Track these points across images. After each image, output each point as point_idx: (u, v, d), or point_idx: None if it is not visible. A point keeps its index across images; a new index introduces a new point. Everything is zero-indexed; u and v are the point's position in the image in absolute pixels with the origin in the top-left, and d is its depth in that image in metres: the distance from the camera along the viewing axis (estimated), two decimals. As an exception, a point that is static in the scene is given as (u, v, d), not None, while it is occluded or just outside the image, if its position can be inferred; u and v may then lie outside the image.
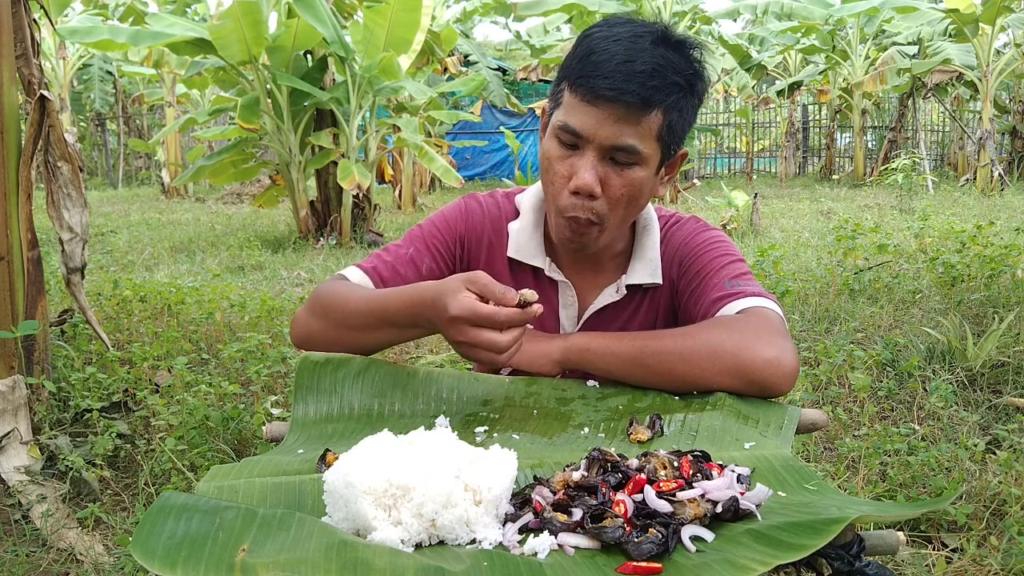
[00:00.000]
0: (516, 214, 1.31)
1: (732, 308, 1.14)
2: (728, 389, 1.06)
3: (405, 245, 1.29)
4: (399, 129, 8.38)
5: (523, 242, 1.28)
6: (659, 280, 1.26)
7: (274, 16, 7.67)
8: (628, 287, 1.26)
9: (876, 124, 17.51)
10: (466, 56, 14.71)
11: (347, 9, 8.42)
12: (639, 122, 1.08)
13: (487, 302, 0.97)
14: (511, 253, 1.28)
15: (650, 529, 0.73)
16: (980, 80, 11.61)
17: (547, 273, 1.27)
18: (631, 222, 1.24)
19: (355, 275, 1.25)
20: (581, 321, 1.28)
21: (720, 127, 17.82)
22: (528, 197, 1.31)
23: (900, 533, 0.84)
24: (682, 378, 1.07)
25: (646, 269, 1.26)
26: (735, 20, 15.14)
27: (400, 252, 1.28)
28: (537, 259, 1.27)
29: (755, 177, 16.03)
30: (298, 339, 1.22)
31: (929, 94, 12.83)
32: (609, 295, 1.27)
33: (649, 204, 1.28)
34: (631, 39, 1.08)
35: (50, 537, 2.21)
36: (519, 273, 1.29)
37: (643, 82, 1.05)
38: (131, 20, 8.37)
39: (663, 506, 0.76)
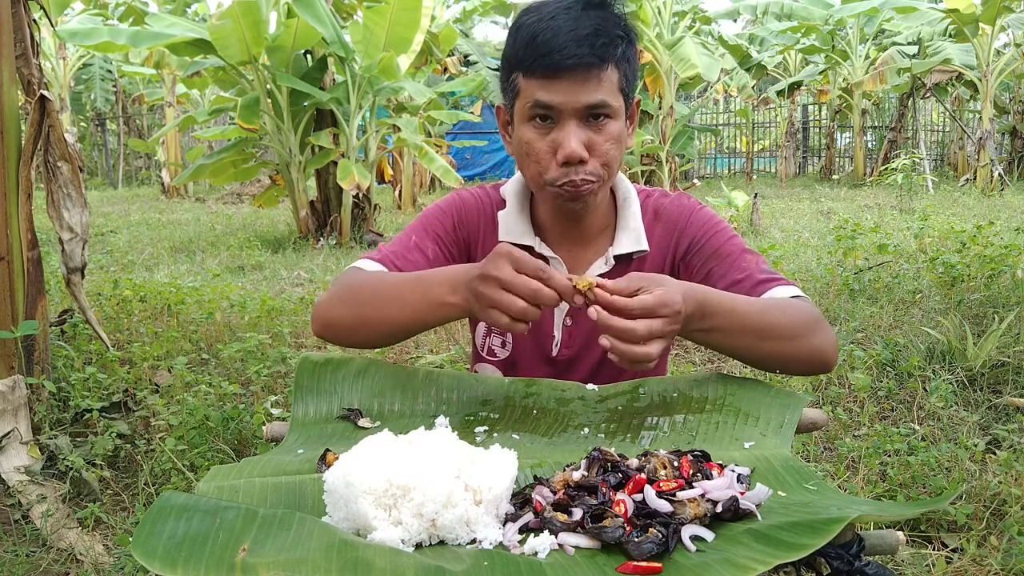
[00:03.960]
0: (503, 203, 1.36)
1: (784, 292, 1.19)
2: (798, 366, 1.15)
3: (407, 235, 1.33)
4: (399, 129, 8.37)
5: (512, 225, 1.32)
6: (644, 247, 1.29)
7: (274, 16, 7.67)
8: (616, 257, 1.29)
9: (876, 124, 17.51)
10: (466, 56, 14.70)
11: (347, 9, 8.42)
12: (601, 79, 1.15)
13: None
14: (502, 237, 1.32)
15: (650, 529, 0.73)
16: (980, 80, 11.61)
17: (537, 250, 1.31)
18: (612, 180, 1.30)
19: (370, 266, 1.27)
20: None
21: (720, 127, 17.82)
22: (511, 185, 1.37)
23: (900, 533, 0.84)
24: (782, 352, 1.13)
25: (630, 238, 1.30)
26: (735, 20, 15.16)
27: (405, 241, 1.32)
28: (526, 238, 1.31)
29: (755, 177, 16.03)
30: (321, 326, 1.21)
31: (929, 94, 12.84)
32: (598, 267, 1.30)
33: (627, 179, 1.36)
34: (564, 12, 1.14)
35: (50, 537, 2.21)
36: None
37: (592, 43, 1.12)
38: (131, 20, 8.36)
39: (663, 506, 0.76)
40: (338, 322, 1.19)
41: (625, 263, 1.30)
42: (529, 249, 1.31)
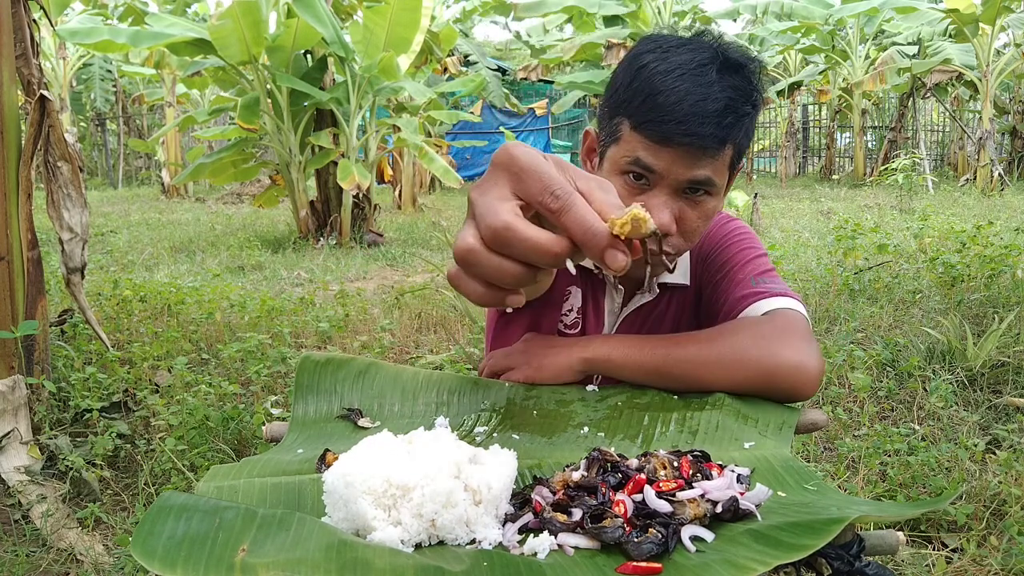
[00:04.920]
0: None
1: (758, 308, 1.13)
2: (753, 394, 1.06)
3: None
4: (399, 129, 8.38)
5: None
6: (688, 281, 1.27)
7: (274, 16, 7.68)
8: (659, 286, 1.27)
9: (876, 124, 17.51)
10: (466, 56, 14.71)
11: (347, 9, 8.42)
12: (715, 158, 1.05)
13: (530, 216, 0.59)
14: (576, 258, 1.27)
15: (650, 529, 0.73)
16: (980, 80, 11.62)
17: (611, 279, 1.27)
18: None
19: None
20: (618, 321, 1.28)
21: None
22: None
23: (900, 533, 0.84)
24: (708, 385, 1.07)
25: (678, 270, 1.26)
26: (735, 20, 15.15)
27: None
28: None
29: (755, 177, 16.03)
30: None
31: (929, 94, 12.84)
32: (643, 295, 1.27)
33: None
34: (695, 72, 1.03)
35: (50, 537, 2.21)
36: (584, 275, 1.30)
37: (718, 122, 1.02)
38: (131, 20, 8.36)
39: (663, 506, 0.76)
40: None
41: (667, 293, 1.27)
42: (598, 274, 1.27)
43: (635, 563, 0.70)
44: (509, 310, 1.31)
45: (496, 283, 0.59)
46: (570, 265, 0.59)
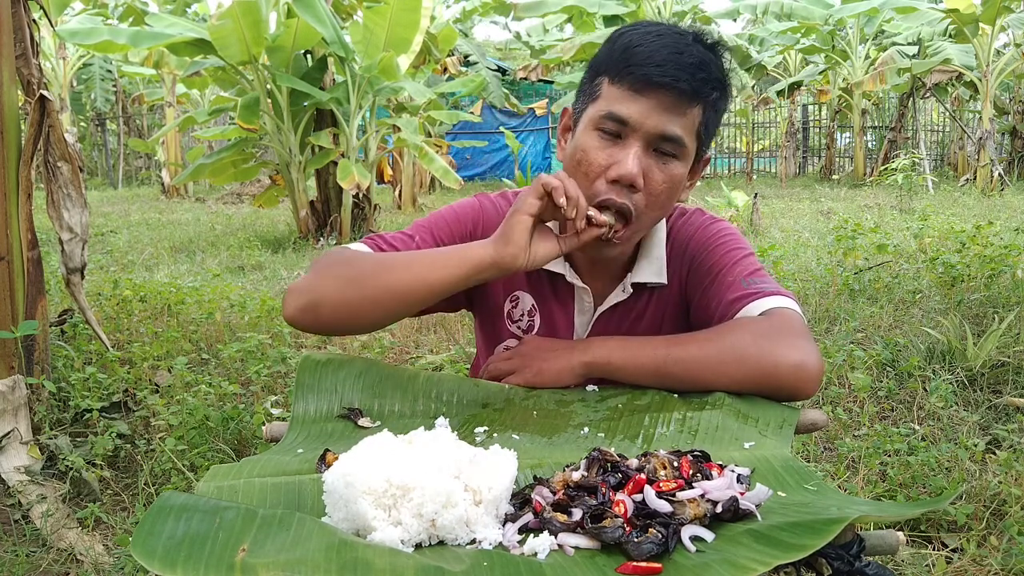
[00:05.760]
0: None
1: (754, 309, 1.13)
2: (754, 393, 1.06)
3: (410, 233, 1.24)
4: (399, 129, 8.38)
5: None
6: (664, 280, 1.24)
7: (274, 16, 7.67)
8: (634, 285, 1.24)
9: (876, 124, 17.51)
10: (466, 56, 14.72)
11: (347, 9, 8.43)
12: (685, 113, 1.09)
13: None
14: None
15: (650, 529, 0.73)
16: (980, 80, 11.62)
17: (568, 279, 1.24)
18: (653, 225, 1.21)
19: (361, 249, 1.18)
20: (592, 321, 1.26)
21: (720, 127, 17.79)
22: None
23: (900, 533, 0.84)
24: (708, 385, 1.07)
25: (652, 268, 1.24)
26: (735, 20, 15.17)
27: (405, 239, 1.22)
28: (557, 264, 1.23)
29: (755, 177, 16.03)
30: (302, 307, 1.09)
31: (929, 94, 12.85)
32: (616, 294, 1.25)
33: None
34: (673, 36, 1.10)
35: (50, 537, 2.21)
36: (536, 279, 1.27)
37: (693, 73, 1.07)
38: (131, 20, 8.36)
39: (663, 506, 0.76)
40: (326, 300, 1.08)
41: (642, 291, 1.25)
42: (560, 277, 1.25)
43: (635, 563, 0.70)
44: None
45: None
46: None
